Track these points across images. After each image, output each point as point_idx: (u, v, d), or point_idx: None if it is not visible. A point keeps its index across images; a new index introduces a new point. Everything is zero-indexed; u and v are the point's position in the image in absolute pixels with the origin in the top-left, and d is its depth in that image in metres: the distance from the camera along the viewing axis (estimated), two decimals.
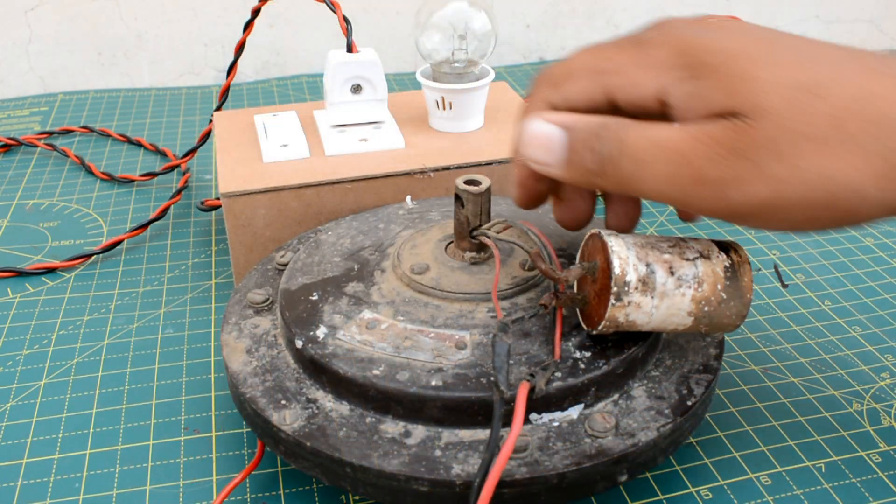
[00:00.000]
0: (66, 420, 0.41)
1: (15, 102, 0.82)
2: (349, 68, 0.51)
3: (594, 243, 0.33)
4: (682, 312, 0.32)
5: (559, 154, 0.32)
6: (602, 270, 0.32)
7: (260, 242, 0.48)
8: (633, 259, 0.31)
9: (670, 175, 0.29)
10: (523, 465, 0.30)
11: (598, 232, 0.33)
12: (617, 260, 0.31)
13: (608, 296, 0.31)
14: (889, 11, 1.01)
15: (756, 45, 0.30)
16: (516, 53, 0.94)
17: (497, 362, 0.30)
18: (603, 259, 0.32)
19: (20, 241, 0.57)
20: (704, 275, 0.32)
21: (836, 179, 0.28)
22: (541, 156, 0.32)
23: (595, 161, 0.31)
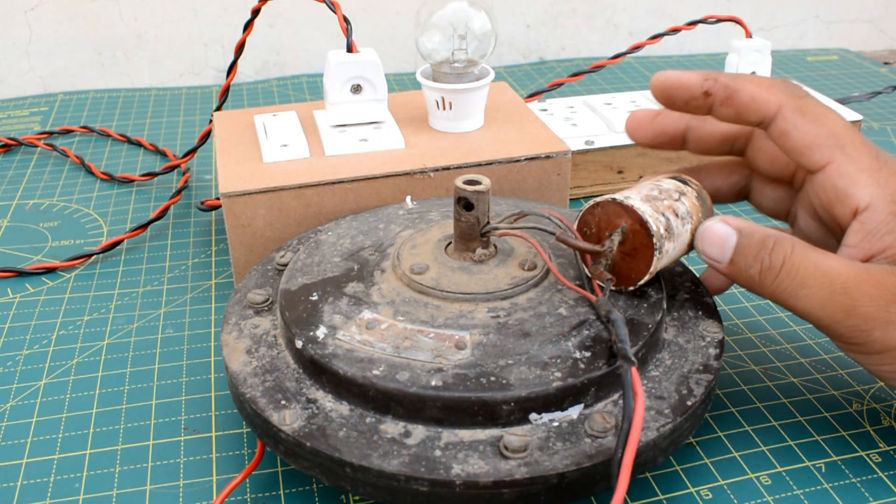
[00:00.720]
0: (66, 420, 0.41)
1: (15, 102, 0.82)
2: (349, 68, 0.51)
3: (610, 209, 0.36)
4: (685, 245, 0.37)
5: (728, 253, 0.35)
6: (632, 231, 0.36)
7: (260, 242, 0.48)
8: (654, 213, 0.35)
9: (825, 300, 0.33)
10: (523, 465, 0.30)
11: (612, 199, 0.36)
12: (650, 219, 0.35)
13: (648, 252, 0.35)
14: (889, 11, 1.01)
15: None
16: (516, 53, 0.94)
17: (620, 334, 0.33)
18: (632, 221, 0.35)
19: (20, 241, 0.57)
20: (691, 207, 0.37)
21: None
22: (712, 252, 0.36)
23: (758, 269, 0.34)
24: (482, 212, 0.37)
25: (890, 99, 0.78)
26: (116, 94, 0.83)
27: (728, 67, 0.65)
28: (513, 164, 0.50)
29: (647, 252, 0.35)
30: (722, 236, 0.35)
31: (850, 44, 1.00)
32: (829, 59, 0.91)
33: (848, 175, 0.35)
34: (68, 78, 0.86)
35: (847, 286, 0.32)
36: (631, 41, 0.92)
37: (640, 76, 0.86)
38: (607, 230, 0.36)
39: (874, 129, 0.72)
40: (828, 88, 0.81)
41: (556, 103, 0.66)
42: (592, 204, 0.36)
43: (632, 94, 0.67)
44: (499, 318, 0.35)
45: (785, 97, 0.36)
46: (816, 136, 0.35)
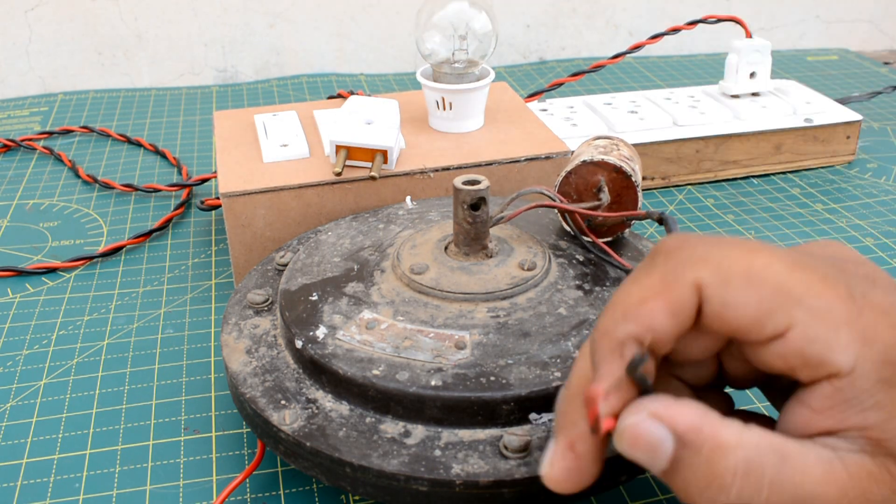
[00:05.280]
0: (66, 420, 0.41)
1: (15, 102, 0.82)
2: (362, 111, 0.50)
3: (584, 171, 0.40)
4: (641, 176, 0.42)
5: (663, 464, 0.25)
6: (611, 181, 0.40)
7: (260, 242, 0.48)
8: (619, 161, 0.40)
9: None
10: (523, 465, 0.30)
11: (583, 161, 0.40)
12: (624, 165, 0.40)
13: (631, 192, 0.40)
14: (889, 12, 1.01)
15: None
16: (516, 53, 0.94)
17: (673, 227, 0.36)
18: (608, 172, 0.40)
19: (20, 241, 0.57)
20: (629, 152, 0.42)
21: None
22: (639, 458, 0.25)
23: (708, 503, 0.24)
24: (486, 210, 0.37)
25: (890, 99, 0.78)
26: (116, 94, 0.83)
27: (728, 67, 0.65)
28: (513, 164, 0.50)
29: (631, 193, 0.40)
30: (651, 442, 0.25)
31: (850, 44, 1.00)
32: (829, 59, 0.91)
33: (819, 338, 0.25)
34: (68, 78, 0.86)
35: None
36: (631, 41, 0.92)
37: (640, 76, 0.86)
38: (588, 190, 0.40)
39: (874, 129, 0.72)
40: (828, 88, 0.81)
41: (556, 103, 0.66)
42: (566, 174, 0.41)
43: (632, 94, 0.67)
44: (499, 318, 0.35)
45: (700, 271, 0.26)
46: (759, 303, 0.25)
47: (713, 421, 0.25)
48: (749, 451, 0.24)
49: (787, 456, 0.24)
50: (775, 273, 0.25)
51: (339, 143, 0.47)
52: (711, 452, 0.24)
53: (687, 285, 0.25)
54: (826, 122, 0.63)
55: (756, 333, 0.25)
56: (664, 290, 0.26)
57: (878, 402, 0.24)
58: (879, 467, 0.24)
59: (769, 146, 0.63)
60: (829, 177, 0.64)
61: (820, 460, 0.24)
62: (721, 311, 0.25)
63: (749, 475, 0.24)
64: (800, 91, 0.67)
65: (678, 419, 0.24)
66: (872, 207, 0.59)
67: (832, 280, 0.25)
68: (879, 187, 0.62)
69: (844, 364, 0.25)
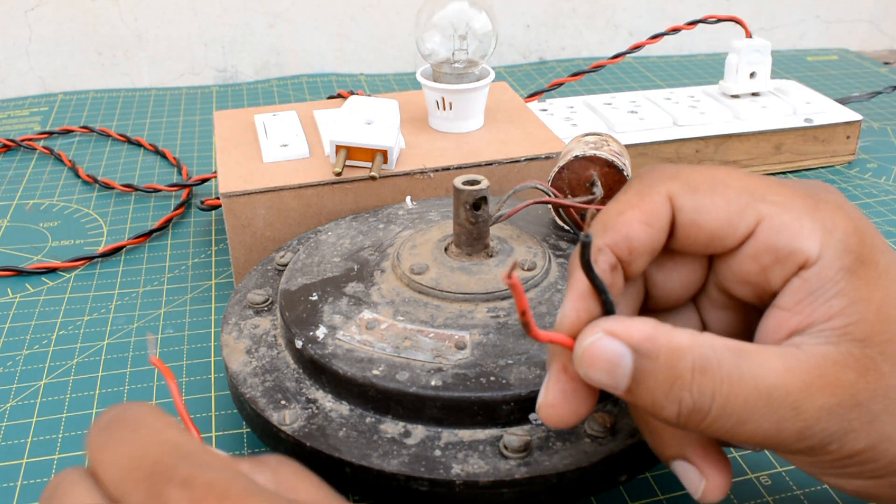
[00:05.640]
0: (66, 420, 0.41)
1: (15, 102, 0.82)
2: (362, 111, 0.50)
3: (577, 166, 0.41)
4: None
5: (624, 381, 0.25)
6: (603, 175, 0.41)
7: (260, 242, 0.48)
8: (610, 156, 0.40)
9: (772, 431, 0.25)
10: (523, 465, 0.30)
11: (575, 157, 0.40)
12: (615, 160, 0.40)
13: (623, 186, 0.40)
14: (889, 12, 1.01)
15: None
16: (516, 53, 0.94)
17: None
18: (600, 167, 0.41)
19: (20, 241, 0.56)
20: (618, 148, 0.43)
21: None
22: (600, 378, 0.25)
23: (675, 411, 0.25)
24: (487, 209, 0.37)
25: (890, 99, 0.78)
26: (116, 94, 0.83)
27: (728, 67, 0.65)
28: (513, 164, 0.50)
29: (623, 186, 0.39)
30: (611, 359, 0.25)
31: (850, 44, 1.00)
32: (829, 59, 0.91)
33: (787, 227, 0.26)
34: (68, 78, 0.86)
35: (798, 404, 0.24)
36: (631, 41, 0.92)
37: (640, 76, 0.86)
38: (581, 184, 0.41)
39: (874, 129, 0.72)
40: (828, 88, 0.81)
41: (556, 103, 0.66)
42: (558, 170, 0.41)
43: (632, 94, 0.67)
44: (499, 317, 0.35)
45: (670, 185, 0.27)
46: (727, 203, 0.27)
47: (667, 329, 0.25)
48: (704, 350, 0.25)
49: (745, 352, 0.25)
50: (737, 178, 0.27)
51: (339, 143, 0.47)
52: (668, 356, 0.25)
53: (659, 195, 0.27)
54: (826, 122, 0.63)
55: (731, 236, 0.27)
56: (639, 201, 0.27)
57: (841, 290, 0.25)
58: (844, 354, 0.25)
59: (769, 146, 0.63)
60: (829, 177, 0.64)
61: (781, 355, 0.25)
62: (694, 217, 0.27)
63: (706, 371, 0.24)
64: (800, 91, 0.67)
65: (633, 332, 0.25)
66: (872, 207, 0.59)
67: (788, 184, 0.28)
68: (879, 187, 0.62)
69: (812, 250, 0.26)
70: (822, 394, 0.24)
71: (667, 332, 0.25)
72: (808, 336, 0.25)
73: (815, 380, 0.24)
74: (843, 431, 0.25)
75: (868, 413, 0.25)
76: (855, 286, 0.25)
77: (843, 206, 0.27)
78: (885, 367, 0.25)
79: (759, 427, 0.25)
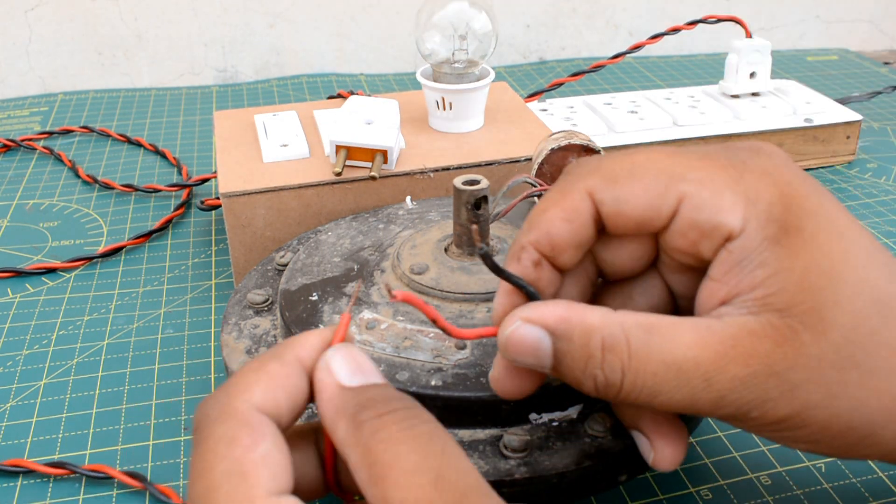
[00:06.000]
0: (66, 420, 0.41)
1: (15, 102, 0.82)
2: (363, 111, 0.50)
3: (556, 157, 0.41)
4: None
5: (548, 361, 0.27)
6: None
7: (260, 242, 0.48)
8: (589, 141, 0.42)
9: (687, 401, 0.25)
10: (523, 465, 0.30)
11: (552, 148, 0.41)
12: (595, 146, 0.42)
13: None
14: (889, 12, 1.01)
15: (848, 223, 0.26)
16: (516, 53, 0.94)
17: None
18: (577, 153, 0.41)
19: (20, 241, 0.56)
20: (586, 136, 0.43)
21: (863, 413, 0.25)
22: (527, 361, 0.27)
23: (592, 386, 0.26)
24: (487, 208, 0.37)
25: (890, 99, 0.78)
26: (116, 94, 0.83)
27: (728, 67, 0.65)
28: (513, 164, 0.50)
29: None
30: (531, 344, 0.26)
31: (850, 44, 1.00)
32: (829, 59, 0.91)
33: (706, 203, 0.26)
34: (68, 78, 0.86)
35: (710, 376, 0.25)
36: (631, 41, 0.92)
37: (640, 76, 0.86)
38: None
39: (874, 129, 0.72)
40: (828, 88, 0.81)
41: (556, 103, 0.66)
42: (538, 166, 0.42)
43: (632, 94, 0.67)
44: None
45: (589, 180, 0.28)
46: (646, 190, 0.27)
47: (579, 310, 0.26)
48: (613, 328, 0.26)
49: (655, 327, 0.26)
50: (655, 161, 0.27)
51: (339, 143, 0.47)
52: (581, 336, 0.26)
53: (579, 192, 0.28)
54: (826, 122, 0.63)
55: (656, 218, 0.27)
56: (560, 199, 0.28)
57: (765, 260, 0.25)
58: (762, 324, 0.25)
59: None
60: (829, 177, 0.64)
61: (694, 327, 0.25)
62: (617, 208, 0.27)
63: (614, 348, 0.26)
64: (800, 91, 0.67)
65: (546, 316, 0.26)
66: (872, 207, 0.59)
67: (711, 156, 0.27)
68: (879, 187, 0.62)
69: (734, 223, 0.26)
70: (735, 364, 0.25)
71: (580, 312, 0.26)
72: (733, 306, 0.26)
73: (727, 351, 0.25)
74: (761, 400, 0.25)
75: (786, 382, 0.25)
76: (777, 256, 0.25)
77: (771, 172, 0.27)
78: (805, 336, 0.25)
79: (672, 398, 0.25)
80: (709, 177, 0.27)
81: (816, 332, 0.25)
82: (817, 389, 0.25)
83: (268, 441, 0.23)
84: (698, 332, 0.25)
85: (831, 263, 0.25)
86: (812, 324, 0.25)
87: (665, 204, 0.27)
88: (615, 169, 0.28)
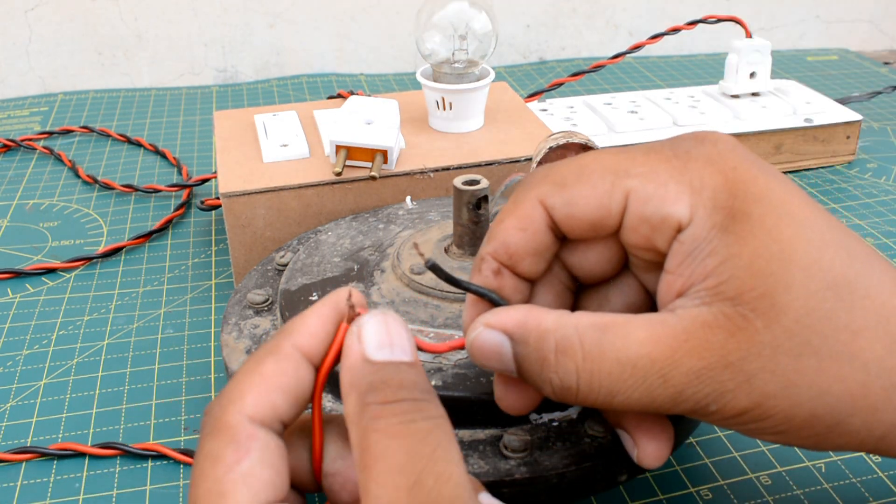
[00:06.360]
0: (66, 420, 0.41)
1: (15, 102, 0.82)
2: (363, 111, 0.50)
3: (554, 156, 0.40)
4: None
5: (511, 365, 0.27)
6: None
7: (260, 242, 0.48)
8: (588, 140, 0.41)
9: (644, 398, 0.25)
10: (523, 465, 0.30)
11: (549, 147, 0.40)
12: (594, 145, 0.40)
13: None
14: (889, 12, 1.01)
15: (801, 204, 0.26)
16: (516, 53, 0.94)
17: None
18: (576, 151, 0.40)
19: (20, 241, 0.57)
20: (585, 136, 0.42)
21: (827, 402, 0.25)
22: (494, 366, 0.27)
23: (550, 391, 0.26)
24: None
25: (890, 99, 0.78)
26: (116, 94, 0.83)
27: (728, 67, 0.65)
28: (513, 164, 0.50)
29: None
30: (493, 348, 0.27)
31: (850, 44, 1.00)
32: (829, 59, 0.91)
33: (651, 196, 0.26)
34: (68, 78, 0.86)
35: (665, 372, 0.24)
36: (631, 41, 0.92)
37: (640, 76, 0.86)
38: None
39: (874, 129, 0.72)
40: (828, 88, 0.81)
41: (556, 103, 0.66)
42: (538, 164, 0.40)
43: (632, 94, 0.67)
44: None
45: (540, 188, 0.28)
46: (593, 189, 0.27)
47: (536, 314, 0.26)
48: (566, 330, 0.26)
49: (608, 327, 0.25)
50: (601, 161, 0.27)
51: (339, 143, 0.47)
52: (537, 340, 0.26)
53: (530, 201, 0.28)
54: (826, 122, 0.63)
55: (608, 217, 0.27)
56: (514, 209, 0.28)
57: (714, 249, 0.25)
58: (715, 314, 0.25)
59: (769, 146, 0.63)
60: (829, 177, 0.64)
61: (648, 323, 0.25)
62: (568, 212, 0.27)
63: (567, 351, 0.25)
64: (800, 91, 0.67)
65: (505, 321, 0.27)
66: (872, 207, 0.59)
67: (655, 150, 0.27)
68: (879, 187, 0.62)
69: (681, 213, 0.26)
70: (689, 358, 0.24)
71: (537, 316, 0.26)
72: (687, 298, 0.25)
73: (681, 345, 0.24)
74: (718, 393, 0.24)
75: (742, 373, 0.24)
76: (726, 243, 0.25)
77: (715, 159, 0.26)
78: (757, 323, 0.24)
79: (631, 397, 0.25)
80: (653, 170, 0.26)
81: (768, 319, 0.24)
82: (773, 379, 0.24)
83: (252, 456, 0.23)
84: (651, 328, 0.25)
85: (780, 248, 0.24)
86: (764, 310, 0.24)
87: (613, 202, 0.27)
88: (564, 173, 0.28)
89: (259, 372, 0.24)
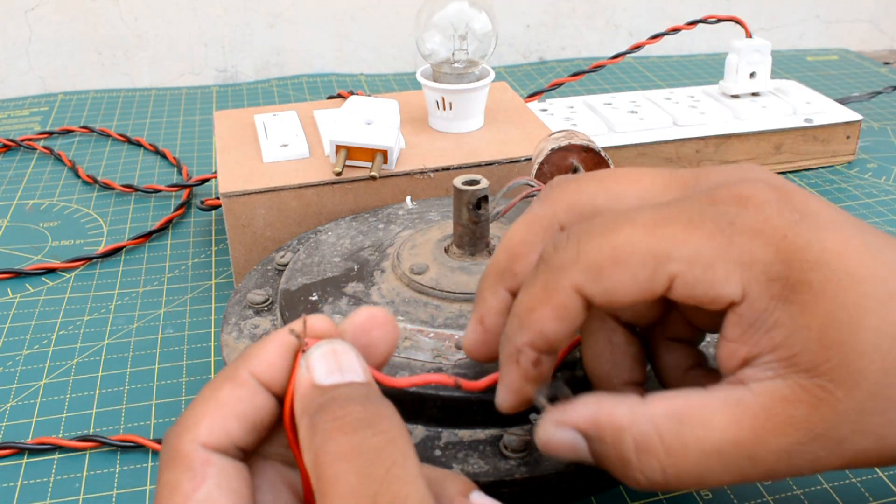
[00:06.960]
0: (66, 420, 0.41)
1: (15, 102, 0.82)
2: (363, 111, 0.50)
3: (556, 157, 0.42)
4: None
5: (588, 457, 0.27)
6: (583, 161, 0.43)
7: (260, 242, 0.48)
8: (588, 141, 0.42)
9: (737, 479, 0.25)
10: (523, 465, 0.30)
11: (551, 149, 0.42)
12: (595, 146, 0.43)
13: (604, 167, 0.43)
14: (889, 12, 1.01)
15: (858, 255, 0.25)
16: (516, 53, 0.94)
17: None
18: (577, 153, 0.42)
19: (20, 241, 0.56)
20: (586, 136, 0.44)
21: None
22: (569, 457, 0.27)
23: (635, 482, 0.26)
24: (487, 208, 0.37)
25: (890, 99, 0.78)
26: (116, 94, 0.83)
27: (728, 67, 0.65)
28: (513, 164, 0.50)
29: (604, 167, 0.44)
30: (567, 447, 0.27)
31: (850, 44, 1.00)
32: (829, 59, 0.91)
33: (699, 281, 0.25)
34: (68, 78, 0.86)
35: (752, 454, 0.24)
36: (631, 41, 0.92)
37: (640, 76, 0.86)
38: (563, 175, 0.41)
39: (874, 129, 0.72)
40: (828, 88, 0.81)
41: (556, 103, 0.66)
42: (538, 166, 0.42)
43: (632, 94, 0.67)
44: None
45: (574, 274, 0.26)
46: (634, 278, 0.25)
47: (608, 408, 0.26)
48: (641, 427, 0.25)
49: (685, 417, 0.25)
50: (637, 243, 0.25)
51: (339, 143, 0.47)
52: (613, 439, 0.25)
53: (566, 290, 0.26)
54: (826, 122, 0.63)
55: (652, 296, 0.26)
56: (547, 298, 0.26)
57: (778, 320, 0.25)
58: (792, 388, 0.24)
59: (769, 146, 0.63)
60: (829, 177, 0.64)
61: (726, 404, 0.25)
62: (608, 299, 0.26)
63: (648, 449, 0.25)
64: (800, 91, 0.67)
65: (576, 419, 0.26)
66: (872, 207, 0.59)
67: (697, 221, 0.25)
68: (879, 187, 0.62)
69: (733, 293, 0.25)
70: (775, 437, 0.24)
71: (608, 411, 0.26)
72: (757, 368, 0.25)
73: (763, 424, 0.24)
74: (811, 462, 0.25)
75: (832, 440, 0.24)
76: (791, 314, 0.24)
77: (762, 230, 0.25)
78: (838, 392, 0.24)
79: (722, 480, 0.25)
80: (696, 252, 0.25)
81: (849, 387, 0.24)
82: (864, 438, 0.25)
83: (209, 483, 0.23)
84: (730, 411, 0.25)
85: (848, 314, 0.24)
86: (842, 379, 0.24)
87: (657, 286, 0.26)
88: (597, 258, 0.26)
89: (214, 399, 0.24)
